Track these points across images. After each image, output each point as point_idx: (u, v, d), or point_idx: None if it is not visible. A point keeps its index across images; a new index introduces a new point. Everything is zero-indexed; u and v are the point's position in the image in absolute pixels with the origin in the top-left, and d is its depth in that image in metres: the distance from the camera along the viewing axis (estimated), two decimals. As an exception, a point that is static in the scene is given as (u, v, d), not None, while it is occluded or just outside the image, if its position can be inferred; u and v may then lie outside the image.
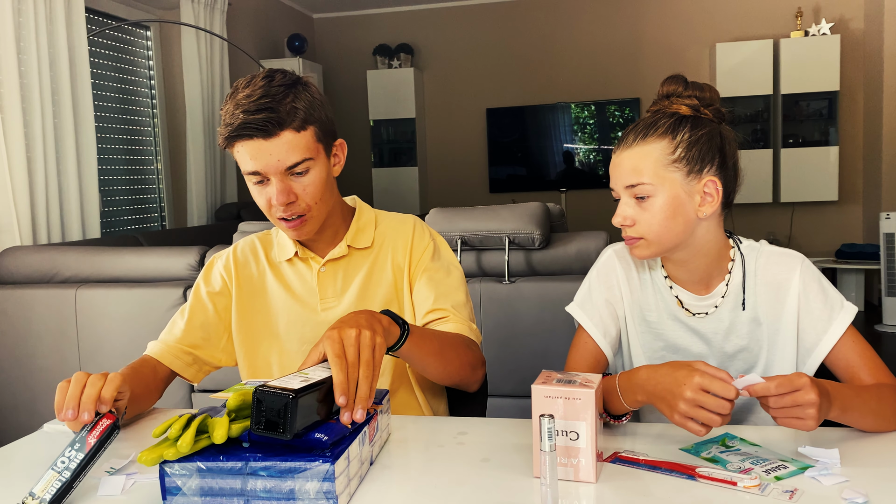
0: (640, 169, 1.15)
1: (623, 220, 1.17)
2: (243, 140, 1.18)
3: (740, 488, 0.88)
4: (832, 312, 1.19)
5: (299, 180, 1.21)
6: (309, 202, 1.22)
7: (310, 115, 1.20)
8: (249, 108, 1.16)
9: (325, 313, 1.32)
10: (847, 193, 5.76)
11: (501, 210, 2.44)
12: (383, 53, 6.42)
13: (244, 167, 1.21)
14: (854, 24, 5.65)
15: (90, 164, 3.41)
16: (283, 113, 1.16)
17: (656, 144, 1.15)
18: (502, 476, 0.94)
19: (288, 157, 1.18)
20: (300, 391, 0.82)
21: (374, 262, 1.34)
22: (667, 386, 0.97)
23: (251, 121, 1.15)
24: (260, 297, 1.36)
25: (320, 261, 1.33)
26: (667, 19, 6.04)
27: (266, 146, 1.17)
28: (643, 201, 1.16)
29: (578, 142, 6.38)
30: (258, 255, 1.38)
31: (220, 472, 0.84)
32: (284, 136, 1.17)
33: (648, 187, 1.14)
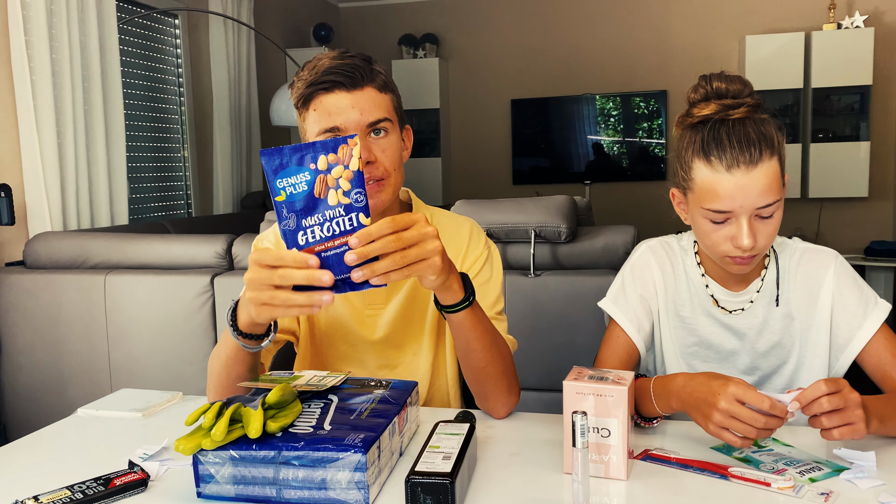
0: (771, 189, 1.08)
1: (752, 242, 1.09)
2: (323, 93, 1.13)
3: (774, 489, 0.87)
4: (866, 309, 1.19)
5: (378, 142, 1.15)
6: (388, 166, 1.16)
7: (389, 83, 1.19)
8: (335, 57, 1.14)
9: (371, 319, 1.27)
10: (877, 189, 5.65)
11: (527, 203, 2.43)
12: (408, 43, 6.41)
13: (319, 126, 1.14)
14: (889, 17, 5.54)
15: (119, 151, 3.45)
16: (366, 70, 1.14)
17: (771, 162, 1.09)
18: (532, 471, 0.94)
19: (372, 111, 1.13)
20: (454, 472, 0.81)
21: None
22: (702, 395, 0.96)
23: (338, 66, 1.12)
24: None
25: None
26: (695, 10, 5.96)
27: (349, 98, 1.12)
28: (768, 219, 1.11)
29: (603, 134, 6.32)
30: None
31: (252, 461, 0.85)
32: (368, 92, 1.14)
33: (779, 203, 1.11)
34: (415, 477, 0.81)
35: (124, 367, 2.52)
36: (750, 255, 1.12)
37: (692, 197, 1.16)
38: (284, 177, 0.83)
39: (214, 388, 1.12)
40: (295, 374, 1.07)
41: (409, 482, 0.80)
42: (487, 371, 1.12)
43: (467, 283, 1.05)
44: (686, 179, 1.16)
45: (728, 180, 1.08)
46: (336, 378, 1.05)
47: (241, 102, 4.73)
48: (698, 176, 1.12)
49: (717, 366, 1.26)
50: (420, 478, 0.80)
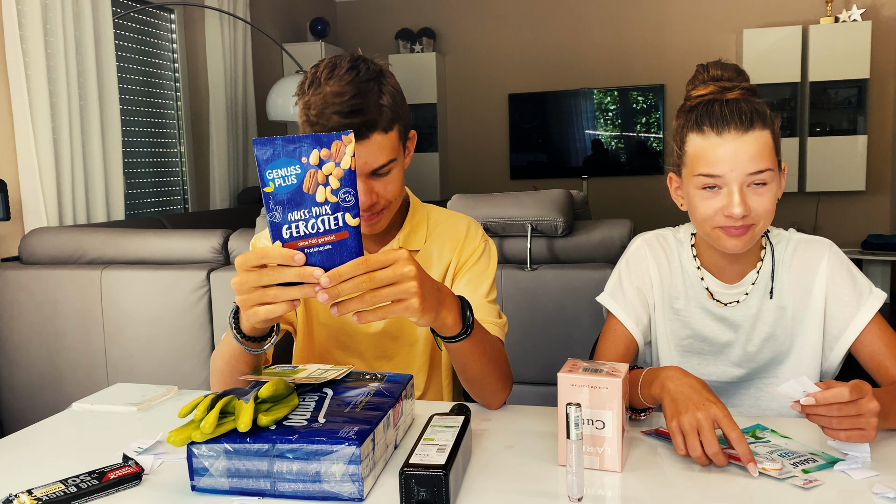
0: (762, 155, 1.09)
1: (744, 210, 1.09)
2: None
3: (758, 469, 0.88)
4: (860, 298, 1.18)
5: (381, 180, 1.16)
6: (389, 198, 1.18)
7: (395, 114, 1.15)
8: (343, 110, 1.09)
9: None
10: (875, 183, 5.66)
11: (524, 197, 2.43)
12: (405, 38, 6.39)
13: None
14: (886, 11, 5.53)
15: (115, 146, 3.44)
16: (374, 114, 1.11)
17: (764, 132, 1.11)
18: (526, 463, 0.94)
19: (376, 159, 1.13)
20: (448, 464, 0.81)
21: (422, 262, 1.29)
22: (688, 394, 0.95)
23: (346, 125, 1.09)
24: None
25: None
26: (693, 5, 5.95)
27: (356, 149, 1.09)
28: (760, 188, 1.11)
29: (601, 128, 6.32)
30: None
31: (246, 454, 0.85)
32: (374, 139, 1.12)
33: (770, 173, 1.11)
34: (409, 469, 0.81)
35: (121, 362, 2.51)
36: (742, 225, 1.11)
37: (686, 172, 1.17)
38: (275, 168, 0.83)
39: (218, 386, 1.13)
40: (297, 368, 1.07)
41: (403, 474, 0.80)
42: (483, 381, 1.12)
43: (465, 312, 1.02)
44: (680, 156, 1.17)
45: (719, 144, 1.10)
46: (339, 371, 1.05)
47: (238, 97, 4.72)
48: (691, 147, 1.14)
49: (712, 358, 1.26)
50: (414, 470, 0.80)
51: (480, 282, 1.28)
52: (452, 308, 0.99)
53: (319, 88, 1.11)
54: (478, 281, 1.28)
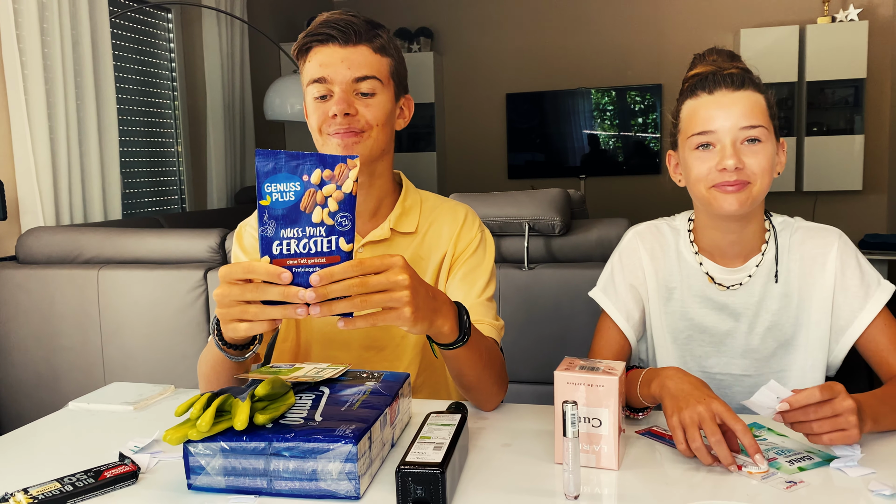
0: (755, 112, 1.11)
1: (737, 163, 1.09)
2: (318, 45, 1.16)
3: (744, 473, 0.88)
4: (868, 290, 1.16)
5: (363, 100, 1.16)
6: (370, 120, 1.17)
7: (389, 48, 1.19)
8: (335, 14, 1.16)
9: None
10: (872, 183, 5.67)
11: (521, 196, 2.43)
12: (403, 37, 6.39)
13: (310, 75, 1.17)
14: (883, 10, 5.54)
15: (112, 145, 3.43)
16: (365, 30, 1.16)
17: (758, 95, 1.13)
18: (523, 461, 0.94)
19: (359, 68, 1.15)
20: (444, 463, 0.81)
21: (417, 249, 1.27)
22: (689, 391, 0.95)
23: (334, 21, 1.14)
24: None
25: (360, 240, 1.25)
26: (690, 4, 5.95)
27: (339, 52, 1.15)
28: (753, 145, 1.11)
29: (598, 128, 6.32)
30: None
31: (243, 453, 0.85)
32: (360, 50, 1.15)
33: (763, 130, 1.11)
34: (405, 467, 0.81)
35: (118, 361, 2.51)
36: (738, 180, 1.10)
37: (681, 140, 1.17)
38: (274, 182, 0.82)
39: (206, 389, 1.12)
40: (294, 366, 1.07)
41: (400, 472, 0.80)
42: (479, 386, 1.10)
43: (462, 317, 0.99)
44: (676, 126, 1.19)
45: (711, 100, 1.12)
46: (335, 370, 1.05)
47: (235, 97, 4.72)
48: (685, 112, 1.16)
49: (712, 350, 1.23)
50: (411, 468, 0.80)
51: (476, 277, 1.26)
52: (449, 316, 0.96)
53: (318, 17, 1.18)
54: (473, 276, 1.26)
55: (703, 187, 1.14)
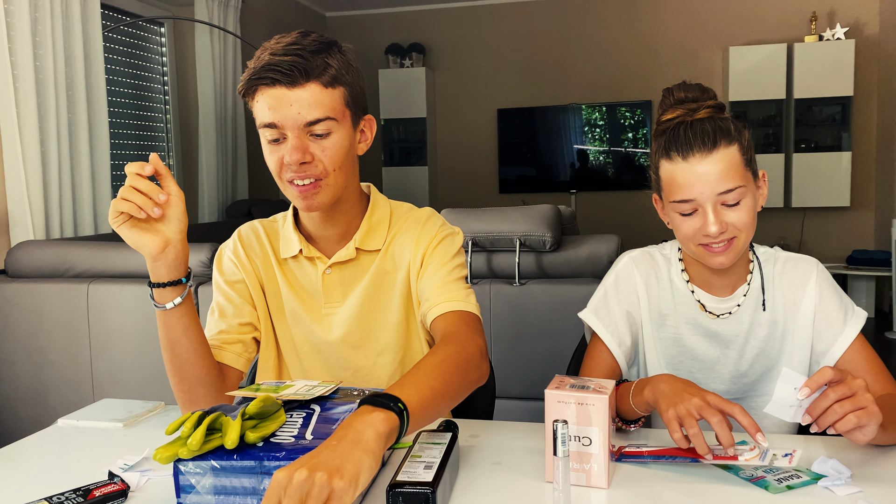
0: (730, 174, 1.12)
1: (721, 227, 1.11)
2: (264, 87, 1.08)
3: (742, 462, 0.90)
4: (846, 315, 1.21)
5: (318, 142, 1.10)
6: (327, 166, 1.11)
7: (341, 76, 1.10)
8: (277, 52, 1.07)
9: (327, 318, 1.24)
10: (859, 199, 5.72)
11: (512, 212, 2.44)
12: (395, 53, 6.43)
13: (260, 118, 1.10)
14: (869, 29, 5.62)
15: (103, 159, 3.43)
16: (312, 63, 1.07)
17: (730, 148, 1.13)
18: (514, 479, 0.94)
19: (310, 111, 1.07)
20: (435, 482, 0.81)
21: (381, 264, 1.24)
22: (681, 388, 0.97)
23: (277, 63, 1.06)
24: (266, 291, 1.28)
25: (326, 261, 1.23)
26: (680, 22, 6.02)
27: (288, 95, 1.07)
28: (732, 206, 1.13)
29: (589, 143, 6.36)
30: (263, 244, 1.28)
31: (233, 471, 0.84)
32: (310, 88, 1.07)
33: (741, 189, 1.13)
34: (396, 487, 0.81)
35: (107, 376, 2.50)
36: (723, 240, 1.13)
37: (664, 197, 1.20)
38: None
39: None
40: (285, 384, 1.07)
41: (390, 492, 0.80)
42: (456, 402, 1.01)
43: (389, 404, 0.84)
44: (657, 181, 1.21)
45: (686, 169, 1.13)
46: (326, 388, 1.05)
47: (227, 111, 4.72)
48: (664, 174, 1.18)
49: (702, 376, 1.27)
50: (401, 487, 0.80)
51: (442, 263, 1.22)
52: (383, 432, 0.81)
53: (266, 44, 1.11)
54: (439, 263, 1.22)
55: (692, 245, 1.18)
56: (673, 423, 0.94)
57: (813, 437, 1.08)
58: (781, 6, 5.80)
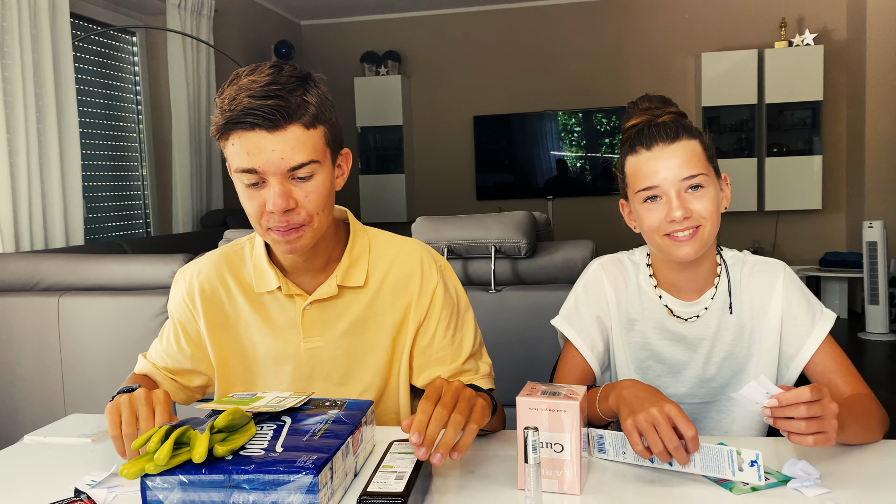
0: (693, 161, 1.16)
1: (685, 212, 1.14)
2: (242, 130, 1.01)
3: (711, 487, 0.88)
4: (814, 318, 1.22)
5: (301, 186, 1.05)
6: (311, 211, 1.06)
7: (321, 114, 1.06)
8: (256, 94, 1.00)
9: (308, 352, 1.20)
10: (830, 202, 5.81)
11: (487, 219, 2.44)
12: (371, 60, 6.43)
13: (237, 163, 1.04)
14: (837, 35, 5.72)
15: (74, 170, 3.39)
16: (293, 104, 1.02)
17: (694, 142, 1.18)
18: (486, 488, 0.94)
19: (293, 155, 1.02)
20: (406, 492, 0.81)
21: (370, 303, 1.19)
22: (643, 397, 0.97)
23: (257, 107, 1.00)
24: (232, 330, 1.22)
25: (307, 297, 1.18)
26: (653, 28, 6.08)
27: (269, 140, 1.01)
28: (697, 191, 1.16)
29: (566, 150, 6.40)
30: (226, 281, 1.22)
31: (202, 486, 0.83)
32: (292, 132, 1.02)
33: (704, 177, 1.16)
34: (366, 498, 0.80)
35: (79, 391, 2.46)
36: (688, 227, 1.15)
37: (630, 193, 1.22)
38: None
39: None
40: (255, 396, 1.06)
41: (361, 503, 0.80)
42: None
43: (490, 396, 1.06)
44: (623, 179, 1.23)
45: (650, 157, 1.17)
46: (297, 399, 1.04)
47: (201, 120, 4.69)
48: (629, 168, 1.21)
49: (670, 380, 1.27)
50: (372, 498, 0.80)
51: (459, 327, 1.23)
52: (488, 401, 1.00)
53: (235, 81, 1.04)
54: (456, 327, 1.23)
55: (657, 236, 1.19)
56: (632, 434, 0.94)
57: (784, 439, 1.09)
58: (752, 13, 5.88)
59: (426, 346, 1.22)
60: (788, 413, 0.91)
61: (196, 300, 1.23)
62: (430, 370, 1.22)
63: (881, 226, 4.74)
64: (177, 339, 1.27)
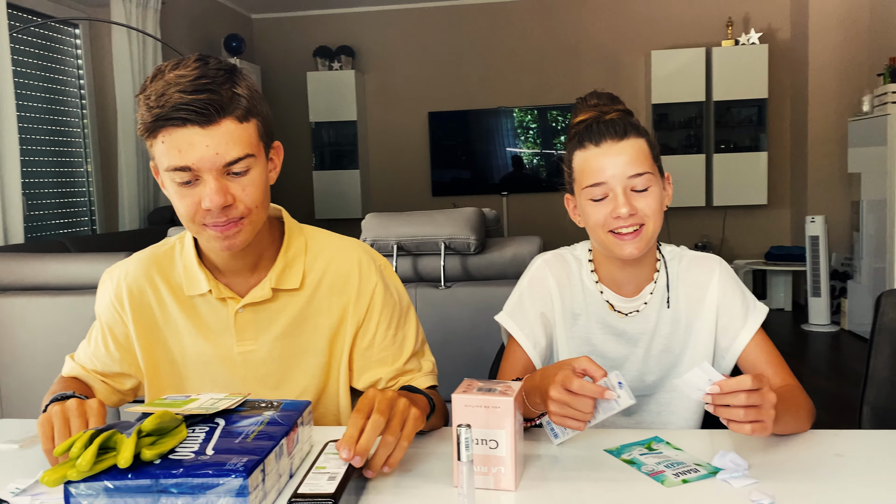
0: (639, 160, 1.18)
1: (630, 209, 1.16)
2: (173, 127, 0.98)
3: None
4: (748, 311, 1.25)
5: (238, 181, 1.02)
6: (249, 205, 1.04)
7: (253, 107, 1.03)
8: (186, 88, 0.97)
9: (241, 356, 1.17)
10: (776, 197, 5.96)
11: (437, 215, 2.44)
12: (324, 55, 6.37)
13: (168, 162, 1.00)
14: (781, 35, 5.86)
15: (12, 166, 3.28)
16: (225, 98, 0.99)
17: (641, 140, 1.19)
18: (422, 486, 0.94)
19: (228, 150, 1.00)
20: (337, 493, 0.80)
21: (306, 305, 1.17)
22: (550, 372, 0.98)
23: (189, 102, 0.96)
24: (161, 334, 1.18)
25: (239, 300, 1.15)
26: (605, 26, 6.15)
27: (202, 136, 0.98)
28: (641, 192, 1.18)
29: (522, 146, 6.44)
30: (156, 283, 1.18)
31: (128, 491, 0.81)
32: (225, 126, 0.99)
33: (650, 176, 1.18)
34: (296, 499, 0.79)
35: (18, 394, 2.38)
36: (632, 224, 1.17)
37: (576, 188, 1.23)
38: None
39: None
40: (189, 398, 1.04)
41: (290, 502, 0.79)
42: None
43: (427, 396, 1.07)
44: (570, 174, 1.25)
45: (598, 153, 1.19)
46: (232, 400, 1.02)
47: (148, 115, 4.58)
48: (577, 163, 1.22)
49: None
50: (302, 500, 0.79)
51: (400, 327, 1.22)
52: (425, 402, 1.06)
53: (160, 77, 1.01)
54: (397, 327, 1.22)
55: (602, 232, 1.21)
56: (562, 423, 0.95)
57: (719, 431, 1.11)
58: (699, 12, 5.99)
59: (366, 348, 1.20)
60: (729, 400, 0.91)
61: (124, 303, 1.19)
62: (371, 371, 1.21)
63: (823, 220, 4.88)
64: (105, 342, 1.24)
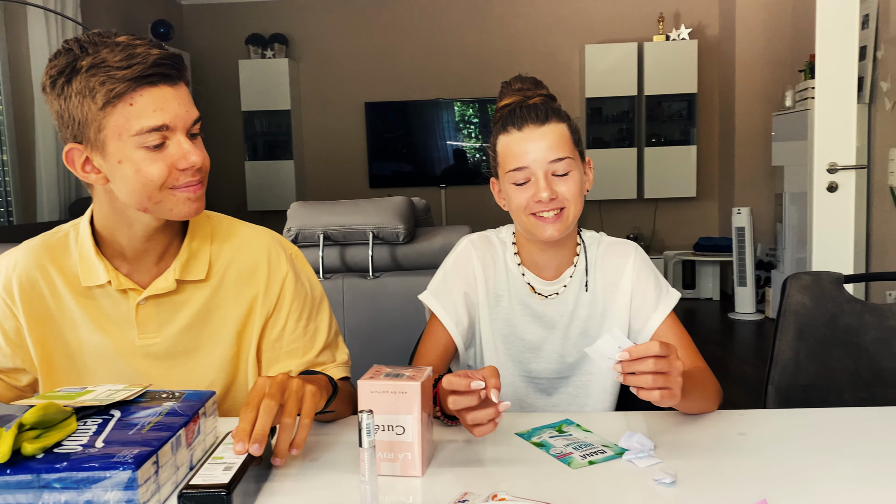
0: (560, 145, 1.20)
1: (551, 193, 1.18)
2: (150, 86, 0.96)
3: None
4: (660, 295, 1.29)
5: (197, 143, 1.04)
6: (205, 161, 1.05)
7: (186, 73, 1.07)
8: (152, 46, 0.98)
9: (143, 349, 1.12)
10: (704, 190, 6.12)
11: (365, 204, 2.41)
12: (256, 43, 6.23)
13: (144, 122, 0.97)
14: (710, 31, 6.02)
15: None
16: (178, 59, 1.01)
17: (562, 125, 1.22)
18: (328, 475, 0.92)
19: (189, 106, 1.02)
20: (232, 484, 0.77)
21: (212, 296, 1.13)
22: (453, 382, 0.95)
23: (166, 57, 0.97)
24: (56, 326, 1.12)
25: (141, 292, 1.10)
26: (540, 19, 6.20)
27: (171, 93, 0.99)
28: (562, 177, 1.20)
29: (463, 139, 6.44)
30: (48, 273, 1.12)
31: (7, 487, 0.77)
32: (183, 87, 1.02)
33: (570, 160, 1.20)
34: (188, 490, 0.76)
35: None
36: (553, 208, 1.19)
37: (500, 172, 1.25)
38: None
39: None
40: (85, 389, 0.99)
41: (181, 496, 0.76)
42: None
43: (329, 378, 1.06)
44: (494, 158, 1.26)
45: (520, 137, 1.21)
46: (131, 391, 0.98)
47: (69, 102, 4.39)
48: (500, 147, 1.24)
49: (531, 356, 1.31)
50: (193, 491, 0.76)
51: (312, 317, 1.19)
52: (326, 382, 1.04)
53: (103, 47, 0.96)
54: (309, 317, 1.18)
55: (524, 215, 1.23)
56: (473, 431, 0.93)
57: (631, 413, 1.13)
58: (631, 7, 6.09)
59: (275, 340, 1.17)
60: (637, 367, 0.93)
61: (14, 295, 1.12)
62: (280, 363, 1.17)
63: (748, 212, 5.04)
64: None
